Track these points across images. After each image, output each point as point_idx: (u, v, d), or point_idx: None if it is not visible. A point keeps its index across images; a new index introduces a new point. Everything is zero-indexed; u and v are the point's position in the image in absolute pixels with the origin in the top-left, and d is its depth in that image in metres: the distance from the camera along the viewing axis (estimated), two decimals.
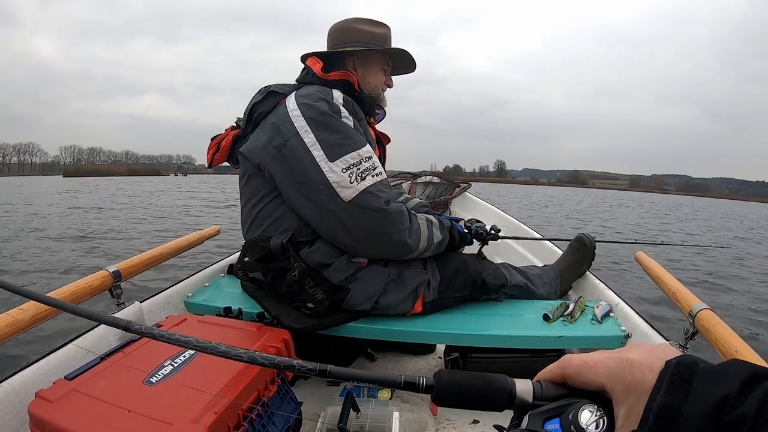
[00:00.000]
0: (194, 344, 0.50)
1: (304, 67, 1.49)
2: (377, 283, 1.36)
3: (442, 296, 1.44)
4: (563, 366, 0.40)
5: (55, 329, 2.92)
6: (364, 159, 1.27)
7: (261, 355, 0.46)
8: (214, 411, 0.81)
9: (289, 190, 1.30)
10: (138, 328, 0.55)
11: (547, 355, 1.46)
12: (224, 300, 1.53)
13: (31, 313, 1.04)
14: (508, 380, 0.40)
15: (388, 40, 1.56)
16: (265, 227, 1.36)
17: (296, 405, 1.06)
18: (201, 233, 1.90)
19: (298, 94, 1.35)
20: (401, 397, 1.41)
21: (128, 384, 0.88)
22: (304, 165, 1.25)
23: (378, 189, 1.27)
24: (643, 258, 1.81)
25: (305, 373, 0.45)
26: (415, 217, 1.37)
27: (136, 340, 1.05)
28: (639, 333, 1.37)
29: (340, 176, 1.23)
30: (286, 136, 1.28)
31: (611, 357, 0.37)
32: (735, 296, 5.24)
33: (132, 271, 1.40)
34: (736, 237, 13.69)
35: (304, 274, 1.29)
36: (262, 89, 1.43)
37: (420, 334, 1.39)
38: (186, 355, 0.98)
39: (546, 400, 0.39)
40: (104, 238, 8.04)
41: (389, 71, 1.62)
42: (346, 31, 1.52)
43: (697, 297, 1.31)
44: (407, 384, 0.42)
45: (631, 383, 0.34)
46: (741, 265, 7.69)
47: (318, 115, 1.27)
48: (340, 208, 1.24)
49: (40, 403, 0.82)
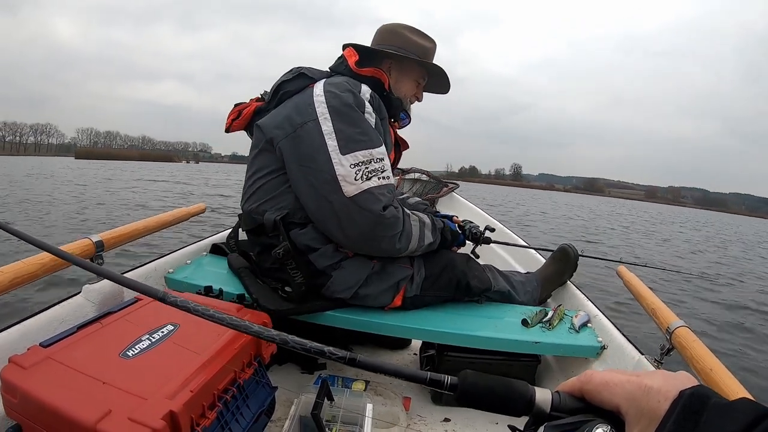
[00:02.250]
0: (228, 321, 0.52)
1: (340, 56, 1.48)
2: (360, 274, 1.36)
3: (425, 293, 1.45)
4: (584, 381, 0.40)
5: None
6: (375, 159, 1.27)
7: (293, 339, 0.49)
8: (190, 389, 0.80)
9: (295, 172, 1.30)
10: (173, 300, 0.56)
11: (522, 359, 1.47)
12: (206, 279, 1.52)
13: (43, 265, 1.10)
14: (528, 387, 0.42)
15: (431, 55, 1.56)
16: (262, 201, 1.37)
17: (271, 390, 1.06)
18: (187, 210, 1.88)
19: (327, 81, 1.35)
20: (375, 389, 1.41)
21: (104, 356, 0.87)
22: (315, 151, 1.25)
23: (380, 192, 1.27)
24: (624, 272, 1.84)
25: (336, 359, 0.47)
26: (408, 219, 1.37)
27: (114, 312, 1.03)
28: (615, 345, 1.39)
29: (347, 170, 1.23)
30: (305, 119, 1.28)
31: (631, 381, 0.37)
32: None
33: (115, 241, 1.38)
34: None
35: (288, 254, 1.30)
36: (294, 69, 1.44)
37: (397, 329, 1.40)
38: (164, 330, 0.97)
39: (562, 411, 0.40)
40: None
41: (422, 85, 1.62)
42: (393, 33, 1.53)
43: (675, 314, 1.34)
44: (433, 381, 0.43)
45: (645, 409, 0.35)
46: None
47: (341, 105, 1.27)
48: (339, 202, 1.24)
49: (13, 368, 0.81)
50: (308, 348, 0.48)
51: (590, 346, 1.41)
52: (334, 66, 1.48)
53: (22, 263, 1.07)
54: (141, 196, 13.41)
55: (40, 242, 0.78)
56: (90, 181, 17.76)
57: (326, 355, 0.47)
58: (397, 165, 1.67)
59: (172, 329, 0.98)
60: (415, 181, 4.39)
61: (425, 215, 1.47)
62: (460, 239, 1.60)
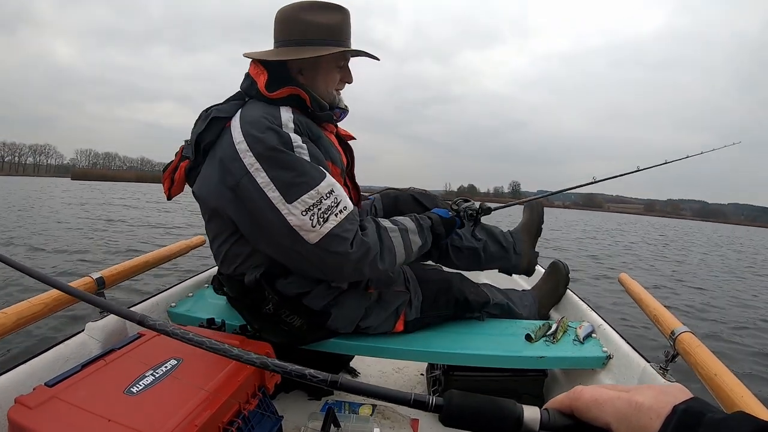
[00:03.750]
0: (207, 345, 0.51)
1: (247, 74, 1.31)
2: (359, 308, 1.35)
3: (425, 315, 1.44)
4: (573, 398, 0.40)
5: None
6: (324, 196, 1.15)
7: (273, 362, 0.47)
8: (194, 423, 0.81)
9: (253, 232, 1.21)
10: (152, 324, 0.56)
11: (529, 374, 1.47)
12: (207, 311, 1.53)
13: (50, 302, 1.13)
14: (516, 406, 0.41)
15: (344, 28, 1.31)
16: (237, 265, 1.30)
17: (277, 419, 1.05)
18: (187, 243, 1.90)
19: (243, 119, 1.21)
20: (382, 413, 1.41)
21: (109, 393, 0.88)
22: (261, 208, 1.14)
23: (343, 230, 1.17)
24: (626, 279, 1.84)
25: (317, 383, 0.45)
26: (386, 233, 1.29)
27: (117, 348, 1.04)
28: (620, 354, 1.38)
29: (300, 219, 1.12)
30: (236, 177, 1.15)
31: (621, 397, 0.37)
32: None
33: (116, 278, 1.39)
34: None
35: (278, 306, 1.27)
36: (203, 114, 1.30)
37: (402, 352, 1.40)
38: (167, 365, 0.98)
39: (552, 429, 0.40)
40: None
41: (346, 65, 1.39)
42: (291, 22, 1.28)
43: (679, 320, 1.33)
44: (417, 402, 0.42)
45: (637, 427, 0.34)
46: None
47: (267, 150, 1.14)
48: (306, 251, 1.16)
49: (20, 409, 0.82)
50: (289, 371, 0.47)
51: (595, 357, 1.40)
52: (246, 87, 1.31)
53: (27, 302, 1.08)
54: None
55: (49, 278, 0.78)
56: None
57: (307, 378, 0.46)
58: (353, 164, 1.52)
59: (176, 363, 0.99)
60: None
61: (408, 219, 1.38)
62: (458, 224, 1.52)
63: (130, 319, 0.60)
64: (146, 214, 14.89)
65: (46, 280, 0.78)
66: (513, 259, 1.83)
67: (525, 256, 1.86)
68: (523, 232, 1.90)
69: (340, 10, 1.29)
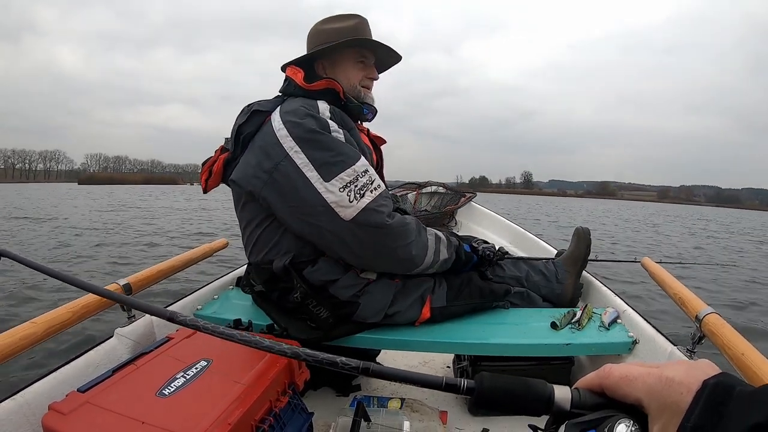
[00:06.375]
0: (238, 338, 0.52)
1: (286, 77, 1.43)
2: (386, 296, 1.35)
3: (451, 304, 1.43)
4: (603, 376, 0.40)
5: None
6: (360, 174, 1.23)
7: (304, 351, 0.48)
8: (228, 422, 0.81)
9: (286, 215, 1.27)
10: (182, 319, 0.58)
11: (554, 362, 1.46)
12: (234, 312, 1.54)
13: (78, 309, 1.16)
14: (547, 386, 0.41)
15: (359, 31, 1.42)
16: (266, 252, 1.35)
17: (307, 416, 1.06)
18: (210, 246, 1.92)
19: (282, 110, 1.30)
20: (411, 406, 1.41)
21: (141, 396, 0.89)
22: (299, 188, 1.21)
23: (378, 204, 1.24)
24: (649, 263, 1.82)
25: (349, 370, 0.45)
26: (425, 231, 1.35)
27: (147, 352, 1.05)
28: (646, 338, 1.37)
29: (338, 196, 1.20)
30: (276, 160, 1.23)
31: (651, 373, 0.37)
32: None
33: (142, 284, 1.41)
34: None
35: (306, 295, 1.29)
36: (245, 108, 1.39)
37: (428, 344, 1.39)
38: (198, 367, 0.98)
39: (583, 408, 0.39)
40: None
41: (368, 62, 1.49)
42: (315, 35, 1.44)
43: (703, 302, 1.31)
44: (449, 386, 0.42)
45: (668, 402, 0.34)
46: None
47: (306, 132, 1.22)
48: (341, 227, 1.22)
49: (54, 415, 0.83)
50: (320, 359, 0.47)
51: (622, 342, 1.38)
52: (284, 88, 1.43)
53: (55, 311, 1.10)
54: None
55: (86, 284, 0.79)
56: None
57: (339, 365, 0.46)
58: (382, 165, 1.62)
59: (206, 365, 0.99)
60: (433, 194, 4.36)
61: (440, 232, 1.44)
62: (474, 260, 1.53)
63: (160, 317, 0.61)
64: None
65: (83, 285, 0.79)
66: (556, 288, 1.71)
67: (569, 286, 1.74)
68: (568, 262, 1.79)
69: (355, 17, 1.43)
